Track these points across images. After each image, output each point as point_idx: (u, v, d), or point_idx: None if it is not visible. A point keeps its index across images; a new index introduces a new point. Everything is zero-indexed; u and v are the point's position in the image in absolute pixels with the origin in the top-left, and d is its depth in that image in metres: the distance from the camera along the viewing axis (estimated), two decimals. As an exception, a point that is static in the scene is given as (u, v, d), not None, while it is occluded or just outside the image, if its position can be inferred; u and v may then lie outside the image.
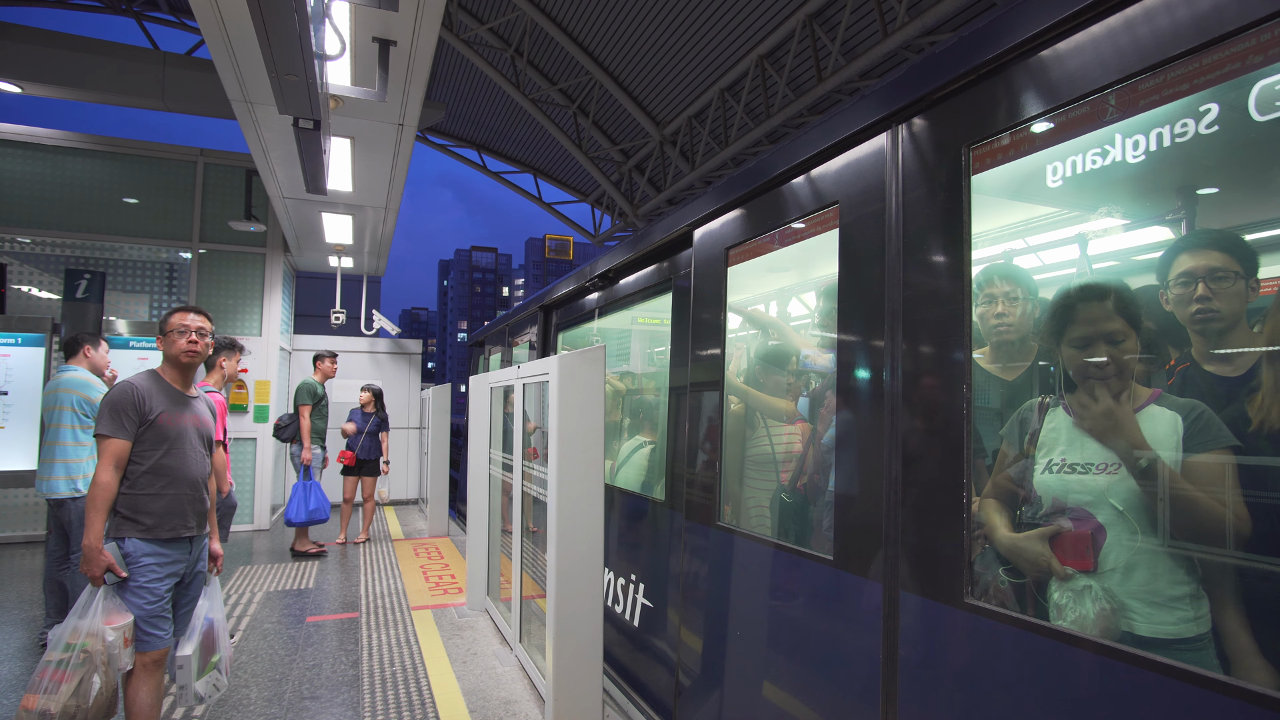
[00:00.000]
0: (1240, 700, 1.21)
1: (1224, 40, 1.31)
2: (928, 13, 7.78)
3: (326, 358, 7.45)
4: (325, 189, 5.04)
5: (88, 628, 2.65)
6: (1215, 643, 1.41)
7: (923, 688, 1.84)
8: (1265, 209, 1.56)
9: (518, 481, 4.21)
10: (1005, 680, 1.60)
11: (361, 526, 7.95)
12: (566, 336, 6.13)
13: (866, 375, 2.12)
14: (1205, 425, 1.47)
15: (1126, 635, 1.51)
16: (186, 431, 2.99)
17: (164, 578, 2.87)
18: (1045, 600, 1.66)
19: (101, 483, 2.77)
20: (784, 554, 2.53)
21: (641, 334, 5.58)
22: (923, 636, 1.85)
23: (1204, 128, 1.40)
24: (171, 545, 2.91)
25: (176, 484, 2.92)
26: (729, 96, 11.69)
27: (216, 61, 4.35)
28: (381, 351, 11.13)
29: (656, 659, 3.67)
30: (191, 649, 2.95)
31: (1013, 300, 1.98)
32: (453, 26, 12.64)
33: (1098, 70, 1.52)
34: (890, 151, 2.10)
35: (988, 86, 1.80)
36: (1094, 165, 1.61)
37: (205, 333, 3.06)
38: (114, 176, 8.25)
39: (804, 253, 2.73)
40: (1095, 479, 1.63)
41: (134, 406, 2.84)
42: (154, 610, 2.82)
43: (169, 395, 2.98)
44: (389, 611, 5.34)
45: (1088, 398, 1.69)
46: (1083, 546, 1.59)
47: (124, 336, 7.68)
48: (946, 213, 1.86)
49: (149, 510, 2.85)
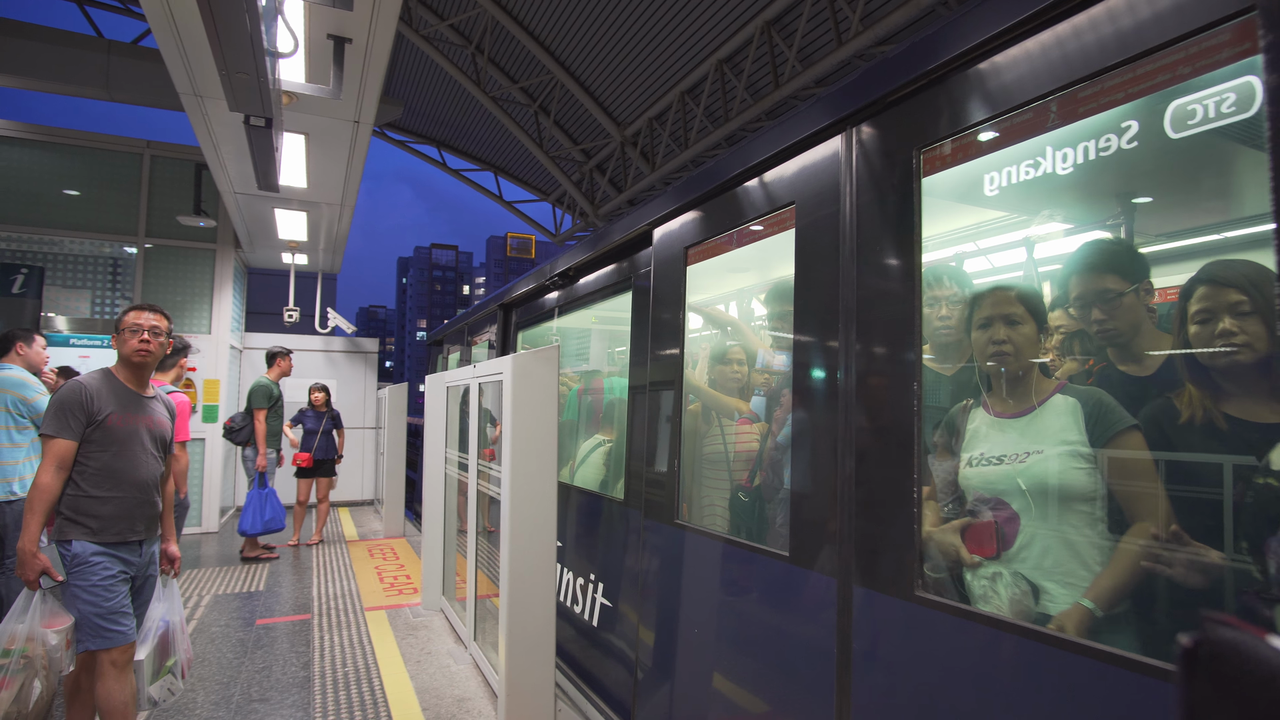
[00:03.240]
0: (1159, 680, 1.24)
1: (1146, 56, 1.38)
2: (880, 23, 8.03)
3: (282, 355, 7.29)
4: (278, 186, 4.97)
5: (26, 632, 2.60)
6: (1136, 622, 1.47)
7: (875, 680, 1.89)
8: (1193, 216, 1.66)
9: (473, 481, 4.23)
10: (955, 671, 1.64)
11: (315, 528, 7.83)
12: (526, 335, 6.12)
13: (821, 374, 2.16)
14: (1104, 410, 1.58)
15: (1041, 617, 1.60)
16: (137, 433, 2.93)
17: (114, 574, 2.80)
18: (967, 590, 1.75)
19: (41, 484, 2.70)
20: (740, 550, 2.59)
21: (601, 333, 5.62)
22: (875, 629, 1.89)
23: (1126, 143, 1.50)
24: (118, 549, 2.85)
25: (124, 486, 2.86)
26: (689, 99, 11.81)
27: (165, 53, 4.25)
28: (337, 350, 10.95)
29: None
30: (145, 653, 2.91)
31: (954, 302, 2.07)
32: (412, 22, 12.49)
33: (1035, 80, 1.60)
34: (845, 154, 2.14)
35: (937, 92, 1.85)
36: (1034, 173, 1.69)
37: (160, 331, 3.00)
38: (54, 167, 7.97)
39: (762, 252, 2.76)
40: (1007, 469, 1.74)
41: (81, 406, 2.79)
42: (112, 606, 2.75)
43: (121, 395, 2.92)
44: (342, 613, 5.29)
45: (998, 390, 1.80)
46: (987, 535, 1.69)
47: (64, 334, 7.44)
48: (899, 215, 1.92)
49: (95, 513, 2.79)
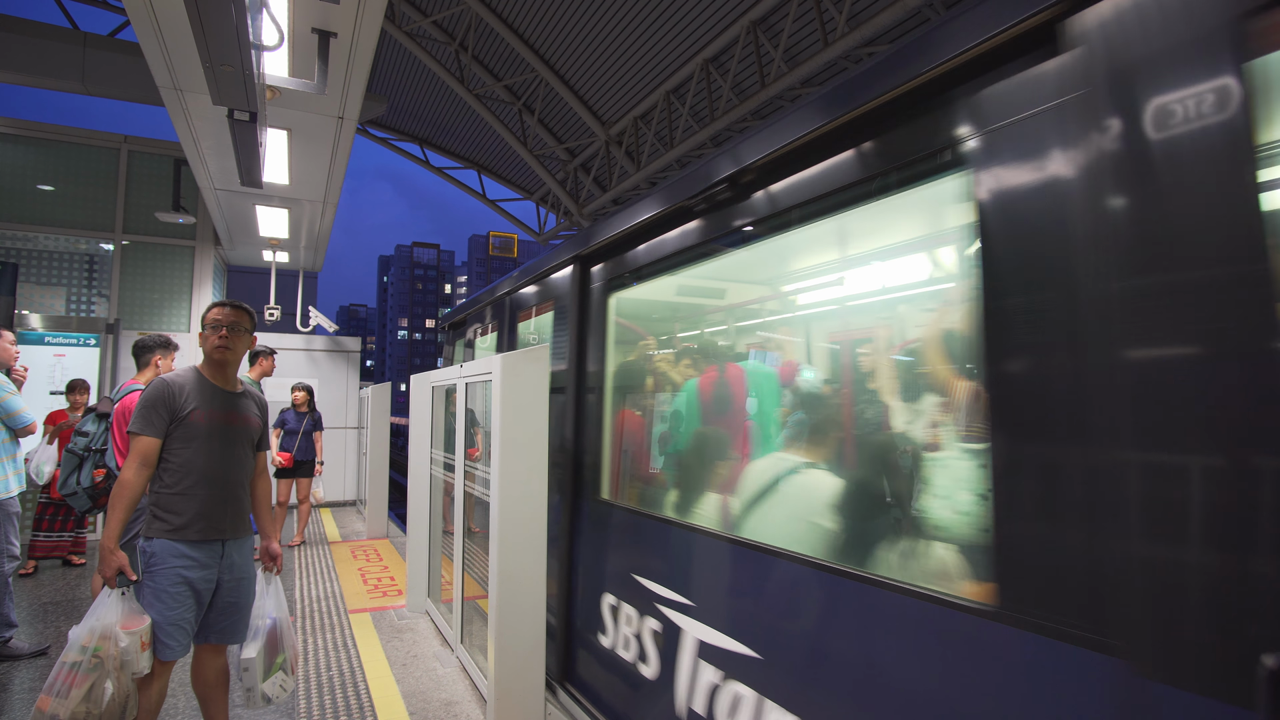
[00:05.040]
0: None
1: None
2: (866, 24, 8.06)
3: (265, 355, 7.16)
4: (260, 182, 4.90)
5: (102, 630, 2.58)
6: None
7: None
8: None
9: (459, 481, 4.19)
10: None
11: (296, 529, 7.73)
12: (627, 299, 3.64)
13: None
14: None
15: None
16: (223, 429, 2.89)
17: (185, 583, 2.74)
18: None
19: (124, 480, 2.70)
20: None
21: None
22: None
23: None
24: (200, 548, 2.78)
25: (207, 483, 2.80)
26: (674, 99, 11.81)
27: (144, 47, 4.16)
28: (318, 349, 10.82)
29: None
30: (255, 650, 2.87)
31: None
32: (395, 18, 12.37)
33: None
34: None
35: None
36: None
37: (240, 327, 2.94)
38: (28, 162, 7.80)
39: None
40: None
41: (165, 404, 2.77)
42: (171, 618, 2.70)
43: (207, 392, 2.89)
44: (325, 615, 5.22)
45: None
46: None
47: (38, 331, 7.27)
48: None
49: (178, 509, 2.75)
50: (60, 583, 5.87)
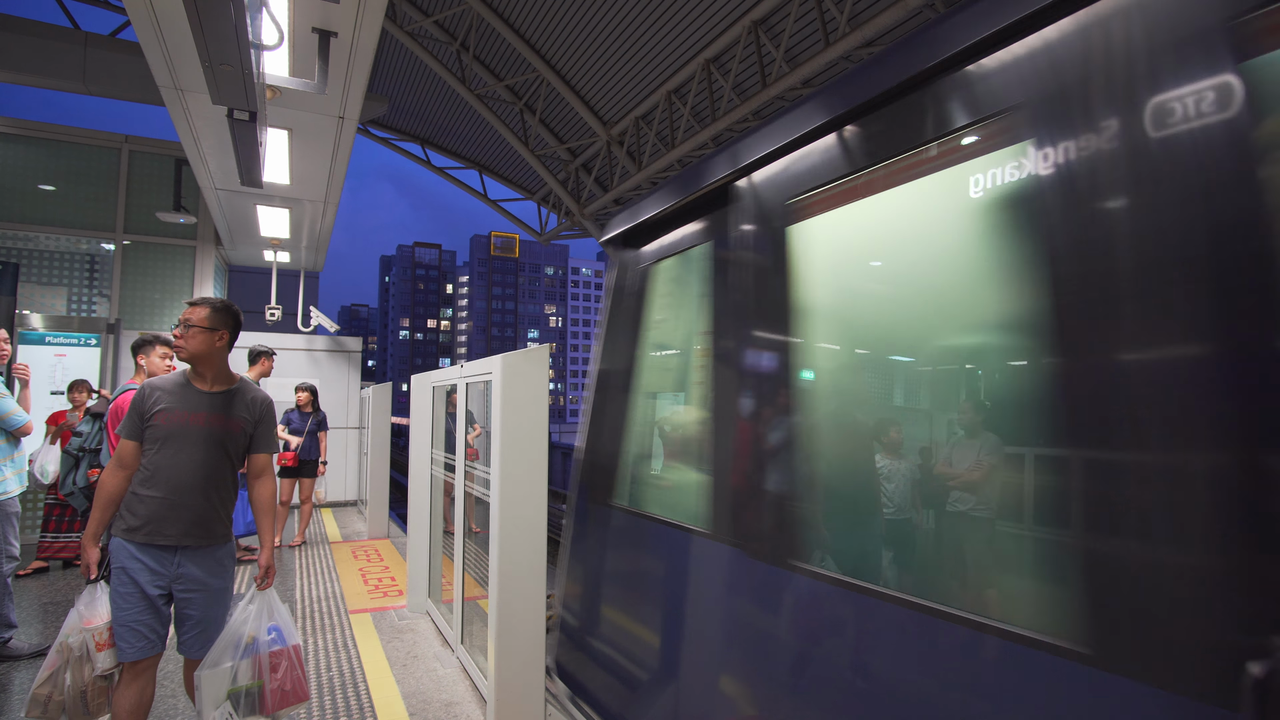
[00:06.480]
0: None
1: None
2: (867, 25, 8.05)
3: (266, 355, 7.16)
4: (261, 182, 4.90)
5: (70, 622, 2.69)
6: None
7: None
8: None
9: (460, 482, 4.18)
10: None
11: (298, 529, 7.72)
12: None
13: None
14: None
15: None
16: (189, 431, 2.78)
17: (135, 585, 2.66)
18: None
19: (102, 481, 2.77)
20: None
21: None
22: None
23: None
24: (148, 551, 2.70)
25: (162, 486, 2.71)
26: (676, 99, 11.80)
27: (145, 46, 4.16)
28: (320, 349, 10.81)
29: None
30: (210, 668, 2.67)
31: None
32: (396, 18, 12.37)
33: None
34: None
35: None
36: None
37: (193, 323, 2.83)
38: (29, 162, 7.81)
39: None
40: None
41: (137, 405, 2.78)
42: (120, 618, 2.66)
43: (179, 393, 2.81)
44: (326, 615, 5.21)
45: None
46: None
47: (39, 331, 7.27)
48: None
49: (135, 510, 2.72)
50: (61, 583, 5.87)
